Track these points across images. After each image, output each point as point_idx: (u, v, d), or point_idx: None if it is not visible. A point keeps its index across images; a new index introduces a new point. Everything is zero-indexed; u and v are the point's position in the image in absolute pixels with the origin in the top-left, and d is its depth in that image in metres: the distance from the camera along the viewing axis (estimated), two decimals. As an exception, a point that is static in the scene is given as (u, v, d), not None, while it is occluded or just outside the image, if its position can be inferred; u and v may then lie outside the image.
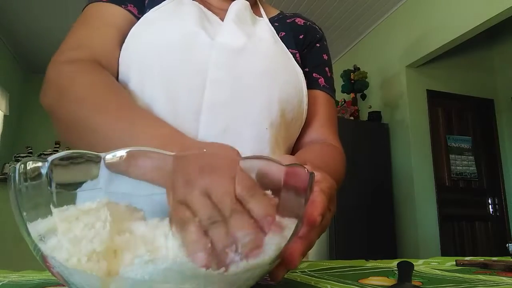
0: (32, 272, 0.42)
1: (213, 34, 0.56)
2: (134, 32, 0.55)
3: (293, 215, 0.26)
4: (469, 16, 2.78)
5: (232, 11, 0.60)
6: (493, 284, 0.36)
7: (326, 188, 0.32)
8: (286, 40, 0.64)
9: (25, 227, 0.24)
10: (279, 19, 0.69)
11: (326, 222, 0.32)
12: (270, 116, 0.55)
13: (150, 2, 0.59)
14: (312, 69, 0.68)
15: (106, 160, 0.21)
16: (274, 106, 0.55)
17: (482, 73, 3.76)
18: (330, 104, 0.67)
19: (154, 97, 0.52)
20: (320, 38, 0.71)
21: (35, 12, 3.74)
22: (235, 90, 0.54)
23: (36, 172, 0.23)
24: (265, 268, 0.26)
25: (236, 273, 0.23)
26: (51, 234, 0.23)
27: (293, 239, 0.27)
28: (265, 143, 0.54)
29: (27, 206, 0.24)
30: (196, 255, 0.22)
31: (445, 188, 3.33)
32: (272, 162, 0.25)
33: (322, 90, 0.67)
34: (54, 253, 0.23)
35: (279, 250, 0.26)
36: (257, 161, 0.25)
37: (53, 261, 0.23)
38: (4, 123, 4.32)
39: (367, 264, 0.53)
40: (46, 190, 0.22)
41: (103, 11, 0.56)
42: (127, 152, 0.22)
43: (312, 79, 0.67)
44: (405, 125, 3.29)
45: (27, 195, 0.23)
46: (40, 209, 0.23)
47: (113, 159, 0.22)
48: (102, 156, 0.21)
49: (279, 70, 0.57)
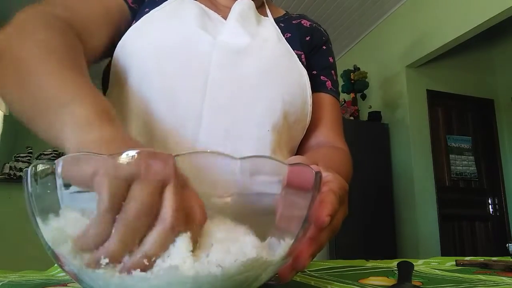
0: (32, 272, 0.42)
1: (214, 33, 0.55)
2: (133, 31, 0.54)
3: (299, 215, 0.26)
4: (469, 16, 2.78)
5: (235, 10, 0.59)
6: (493, 284, 0.36)
7: (336, 188, 0.31)
8: (291, 41, 0.63)
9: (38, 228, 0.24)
10: (285, 19, 0.68)
11: (337, 223, 0.31)
12: (272, 118, 0.54)
13: (150, 0, 0.58)
14: (320, 72, 0.67)
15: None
16: (277, 107, 0.54)
17: (482, 73, 3.76)
18: (336, 107, 0.67)
19: (153, 100, 0.51)
20: (326, 40, 0.71)
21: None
22: (237, 92, 0.53)
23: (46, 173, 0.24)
24: (267, 269, 0.26)
25: (229, 275, 0.23)
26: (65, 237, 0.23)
27: (302, 239, 0.27)
28: (266, 146, 0.53)
29: (40, 207, 0.24)
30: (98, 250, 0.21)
31: (445, 188, 3.33)
32: (274, 160, 0.25)
33: (329, 93, 0.66)
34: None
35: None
36: (255, 160, 0.25)
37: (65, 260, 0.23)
38: (4, 123, 4.32)
39: (367, 264, 0.53)
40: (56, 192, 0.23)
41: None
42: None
43: (320, 81, 0.67)
44: (405, 125, 3.29)
45: (40, 195, 0.24)
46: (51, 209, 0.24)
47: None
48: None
49: (282, 71, 0.57)
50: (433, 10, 3.13)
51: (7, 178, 2.81)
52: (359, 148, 3.00)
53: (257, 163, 0.25)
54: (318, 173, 0.27)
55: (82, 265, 0.22)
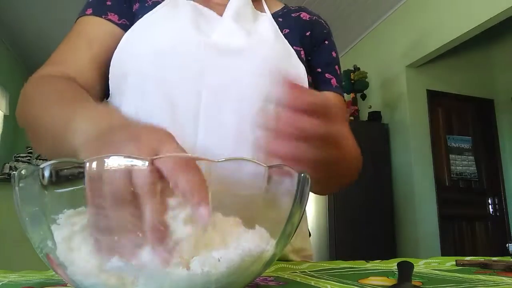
0: (32, 272, 0.42)
1: (209, 32, 0.55)
2: (127, 38, 0.55)
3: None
4: (469, 16, 2.78)
5: (231, 7, 0.59)
6: (493, 284, 0.36)
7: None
8: (290, 37, 0.62)
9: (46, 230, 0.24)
10: (283, 13, 0.67)
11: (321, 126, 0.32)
12: (267, 117, 0.54)
13: (141, 8, 0.59)
14: (325, 69, 0.67)
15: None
16: (271, 108, 0.55)
17: (482, 73, 3.76)
18: (342, 105, 0.68)
19: (153, 104, 0.52)
20: (328, 33, 0.70)
21: (35, 12, 3.74)
22: (233, 93, 0.53)
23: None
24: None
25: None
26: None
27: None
28: (261, 145, 0.54)
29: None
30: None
31: (445, 188, 3.32)
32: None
33: (334, 91, 0.66)
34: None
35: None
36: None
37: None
38: (4, 123, 4.32)
39: (367, 264, 0.53)
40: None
41: (85, 25, 0.58)
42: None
43: (325, 79, 0.66)
44: (405, 125, 3.29)
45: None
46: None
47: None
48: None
49: (279, 70, 0.56)
50: (433, 10, 3.13)
51: (7, 178, 2.81)
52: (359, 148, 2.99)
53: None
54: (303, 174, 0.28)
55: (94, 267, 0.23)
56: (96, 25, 0.58)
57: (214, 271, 0.23)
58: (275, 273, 0.43)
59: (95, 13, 0.58)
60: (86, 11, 0.59)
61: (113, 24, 0.58)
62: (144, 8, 0.58)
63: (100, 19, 0.58)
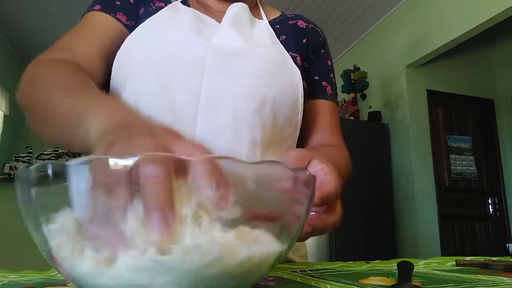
0: (32, 272, 0.42)
1: (209, 37, 0.57)
2: (131, 40, 0.57)
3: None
4: (469, 16, 2.78)
5: (229, 14, 0.61)
6: (493, 284, 0.36)
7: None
8: (287, 43, 0.64)
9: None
10: (281, 21, 0.69)
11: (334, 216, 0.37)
12: (263, 118, 0.56)
13: (145, 12, 0.61)
14: (321, 77, 0.70)
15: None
16: (267, 108, 0.56)
17: (482, 73, 3.76)
18: (335, 112, 0.71)
19: (152, 100, 0.53)
20: (323, 42, 0.72)
21: (35, 12, 3.74)
22: (230, 93, 0.55)
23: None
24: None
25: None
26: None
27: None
28: (257, 146, 0.55)
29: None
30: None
31: (445, 188, 3.33)
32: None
33: (329, 99, 0.69)
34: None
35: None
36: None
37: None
38: (4, 123, 4.32)
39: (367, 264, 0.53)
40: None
41: (94, 19, 0.59)
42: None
43: (321, 88, 0.69)
44: (405, 125, 3.29)
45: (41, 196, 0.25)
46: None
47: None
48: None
49: (275, 73, 0.58)
50: (433, 10, 3.13)
51: (7, 178, 2.81)
52: (359, 148, 3.00)
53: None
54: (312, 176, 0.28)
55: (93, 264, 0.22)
56: (105, 21, 0.59)
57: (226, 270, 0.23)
58: (275, 273, 0.43)
59: (104, 10, 0.59)
60: (95, 7, 0.60)
61: (121, 24, 0.59)
62: (148, 13, 0.60)
63: (108, 16, 0.59)
